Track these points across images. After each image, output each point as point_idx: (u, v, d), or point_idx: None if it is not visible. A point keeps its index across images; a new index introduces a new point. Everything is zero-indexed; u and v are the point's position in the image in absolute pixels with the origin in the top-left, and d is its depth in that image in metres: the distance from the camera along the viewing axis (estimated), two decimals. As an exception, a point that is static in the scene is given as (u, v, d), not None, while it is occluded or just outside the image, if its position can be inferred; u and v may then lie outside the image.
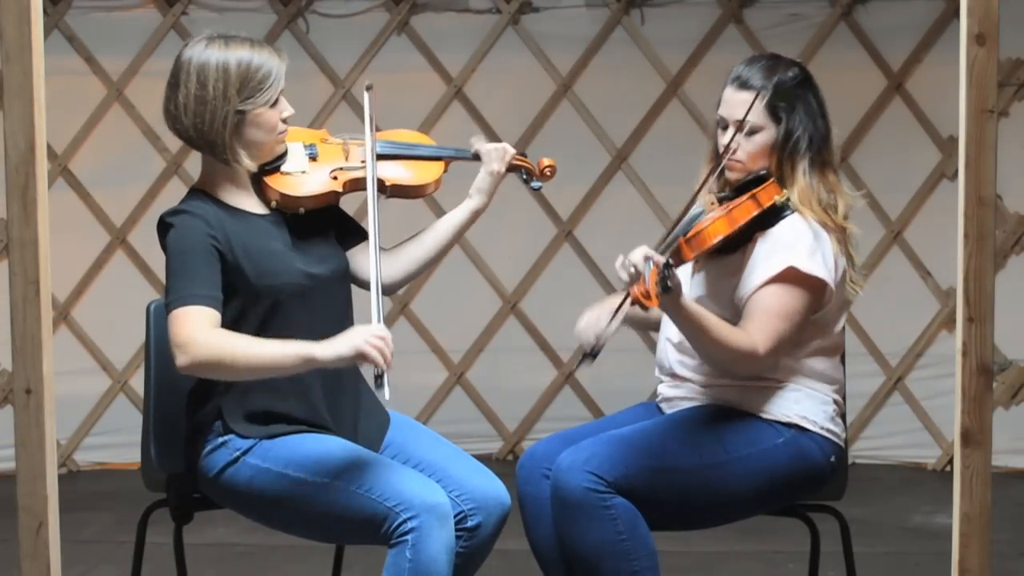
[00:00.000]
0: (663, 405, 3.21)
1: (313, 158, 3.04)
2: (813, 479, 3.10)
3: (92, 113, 5.67)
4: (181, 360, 2.80)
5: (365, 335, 2.76)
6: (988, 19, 2.77)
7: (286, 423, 2.95)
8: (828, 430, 3.10)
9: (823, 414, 3.10)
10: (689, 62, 5.64)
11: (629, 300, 2.83)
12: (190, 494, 3.05)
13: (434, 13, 5.71)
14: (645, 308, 2.79)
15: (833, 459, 3.10)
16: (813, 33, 5.60)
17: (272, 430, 2.94)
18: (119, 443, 5.57)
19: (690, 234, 2.96)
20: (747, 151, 3.09)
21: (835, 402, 3.14)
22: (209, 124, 2.88)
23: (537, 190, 3.29)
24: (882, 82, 5.61)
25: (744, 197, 3.03)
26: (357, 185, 3.03)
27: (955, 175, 3.29)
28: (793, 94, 3.07)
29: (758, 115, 3.06)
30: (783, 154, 3.08)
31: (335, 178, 3.02)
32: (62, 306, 5.64)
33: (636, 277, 2.81)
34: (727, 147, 3.07)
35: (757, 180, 3.08)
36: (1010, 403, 5.48)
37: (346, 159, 3.06)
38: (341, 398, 3.03)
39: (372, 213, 2.95)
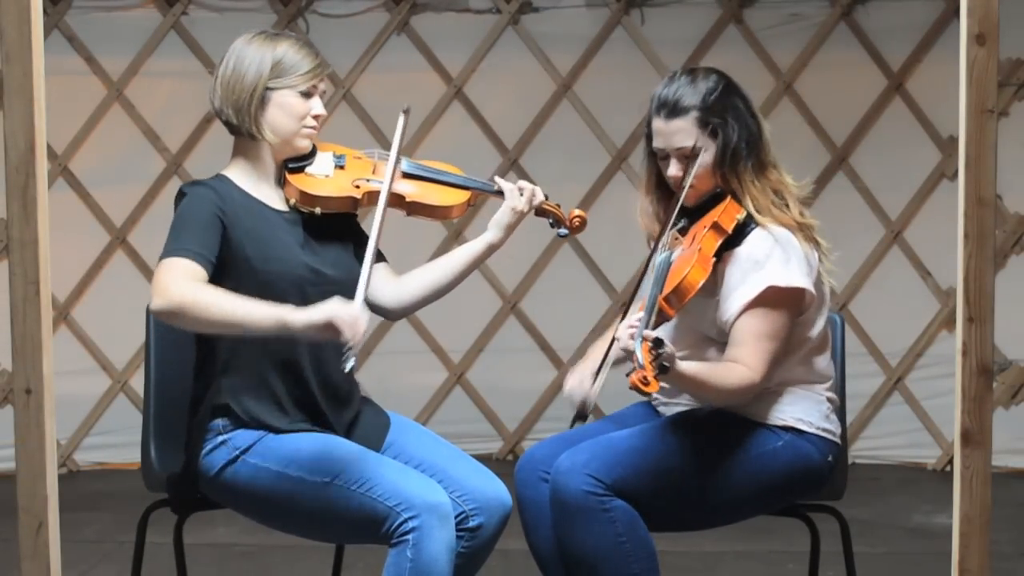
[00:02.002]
0: (660, 408, 3.21)
1: (340, 167, 3.09)
2: (812, 480, 3.09)
3: (92, 113, 5.67)
4: (154, 304, 2.80)
5: (338, 309, 2.76)
6: (988, 19, 2.77)
7: (288, 421, 2.95)
8: (824, 429, 3.09)
9: (818, 414, 3.09)
10: (689, 62, 5.63)
11: (610, 359, 2.83)
12: (190, 494, 3.05)
13: (434, 13, 5.71)
14: (646, 394, 2.71)
15: (831, 458, 3.10)
16: (813, 33, 5.60)
17: (274, 426, 2.94)
18: (119, 443, 5.57)
19: (667, 290, 2.88)
20: (694, 175, 3.04)
21: (829, 400, 3.13)
22: (239, 94, 2.96)
23: (564, 237, 3.28)
24: (882, 82, 5.61)
25: (705, 227, 2.98)
26: (376, 199, 3.05)
27: (955, 175, 3.30)
28: (721, 105, 3.03)
29: (694, 136, 3.03)
30: (725, 168, 3.03)
31: (357, 187, 3.06)
32: (62, 306, 5.64)
33: (628, 356, 2.76)
34: (676, 182, 3.04)
35: (713, 199, 3.05)
36: (1010, 403, 5.49)
37: (372, 173, 3.10)
38: (342, 399, 3.03)
39: (383, 202, 3.00)
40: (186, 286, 2.80)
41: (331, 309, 2.76)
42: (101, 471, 5.68)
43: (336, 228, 3.07)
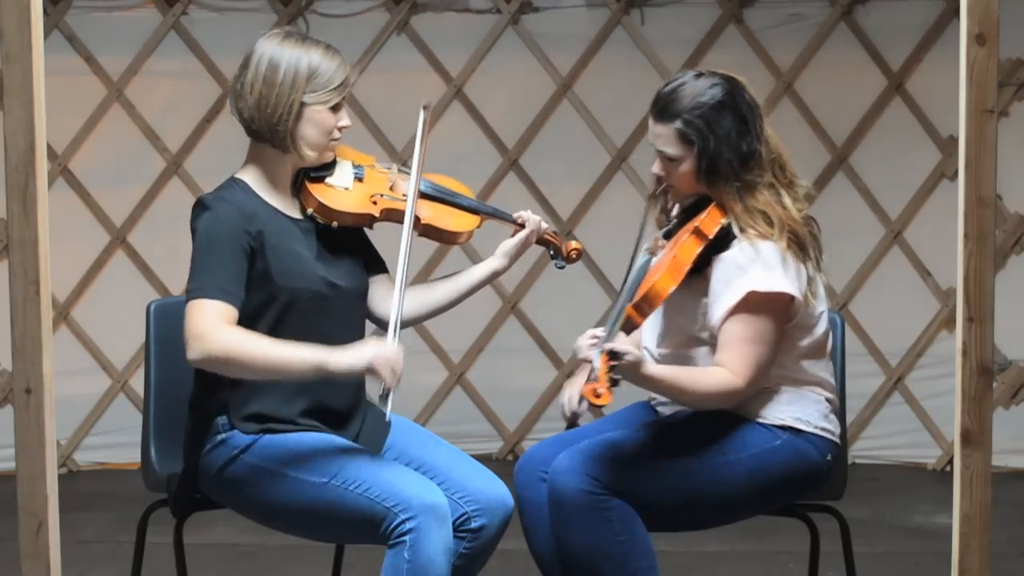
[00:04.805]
0: (660, 408, 3.21)
1: (359, 179, 3.07)
2: (811, 479, 3.10)
3: (92, 113, 5.67)
4: (193, 353, 2.80)
5: (378, 352, 2.80)
6: (988, 19, 2.77)
7: (289, 423, 2.95)
8: (823, 428, 3.09)
9: (816, 413, 3.09)
10: (689, 62, 5.63)
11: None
12: (190, 494, 3.05)
13: (434, 13, 5.71)
14: (600, 406, 2.74)
15: (829, 457, 3.10)
16: (813, 33, 5.60)
17: (274, 429, 2.94)
18: (119, 443, 5.57)
19: (638, 297, 2.87)
20: (674, 179, 3.05)
21: (828, 400, 3.13)
22: (273, 107, 2.91)
23: (561, 268, 3.30)
24: (882, 82, 5.61)
25: (686, 233, 2.97)
26: (392, 216, 3.05)
27: (955, 175, 3.29)
28: (706, 120, 2.98)
29: (673, 145, 3.02)
30: (706, 179, 3.01)
31: (374, 203, 3.05)
32: (62, 306, 5.64)
33: (591, 363, 2.77)
34: (658, 179, 3.07)
35: (700, 202, 3.04)
36: (1010, 403, 5.49)
37: (390, 188, 3.09)
38: (344, 400, 3.03)
39: (406, 237, 2.98)
40: (222, 335, 2.80)
41: (370, 354, 2.80)
42: (101, 471, 5.67)
43: (346, 237, 3.06)
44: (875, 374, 5.67)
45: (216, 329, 2.80)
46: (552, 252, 3.26)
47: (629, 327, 2.90)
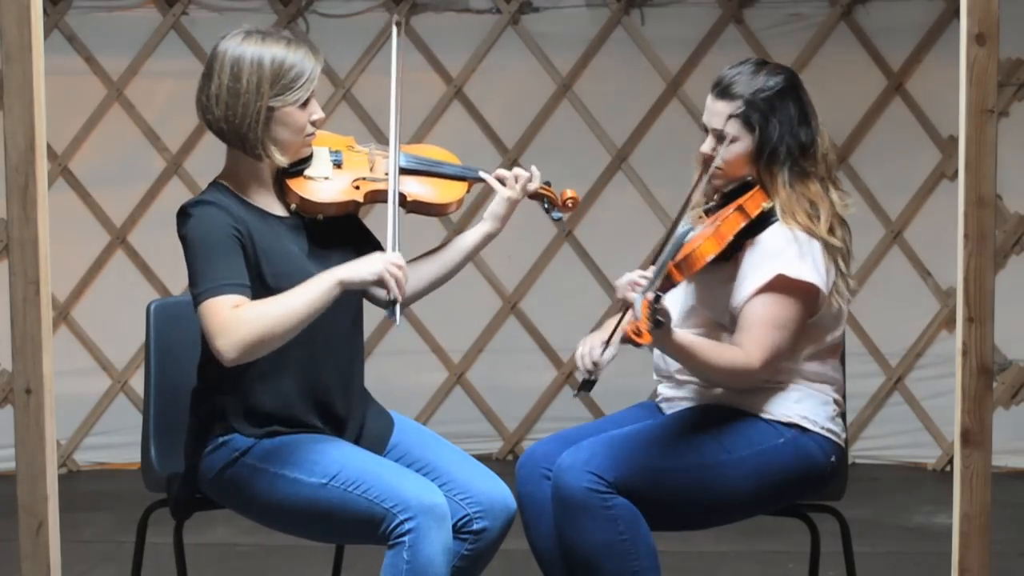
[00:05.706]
0: (663, 405, 3.21)
1: (338, 165, 3.02)
2: (814, 479, 3.10)
3: (92, 113, 5.67)
4: (227, 353, 2.76)
5: (385, 262, 2.81)
6: (988, 19, 2.77)
7: (290, 425, 2.95)
8: (829, 430, 3.10)
9: (824, 414, 3.10)
10: (689, 62, 5.64)
11: (621, 328, 2.81)
12: (190, 494, 3.05)
13: (434, 13, 5.71)
14: (638, 345, 2.76)
15: (833, 459, 3.11)
16: (813, 33, 5.60)
17: (275, 431, 2.94)
18: (119, 443, 5.58)
19: (679, 257, 2.91)
20: (725, 159, 3.07)
21: (835, 402, 3.14)
22: (241, 117, 2.87)
23: (558, 220, 3.24)
24: (882, 82, 5.61)
25: (730, 209, 3.02)
26: (378, 197, 3.01)
27: (955, 175, 3.30)
28: (769, 104, 3.04)
29: (732, 125, 3.05)
30: (760, 164, 3.06)
31: (357, 187, 3.00)
32: (62, 306, 5.64)
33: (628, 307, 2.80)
34: (706, 158, 3.08)
35: (743, 187, 3.07)
36: (1010, 403, 5.49)
37: (370, 170, 3.04)
38: (346, 401, 3.02)
39: (394, 137, 2.97)
40: (242, 319, 2.76)
41: (378, 266, 2.81)
42: (101, 471, 5.68)
43: (336, 226, 3.04)
44: (875, 374, 5.67)
45: (233, 320, 2.77)
46: (547, 205, 3.19)
47: (667, 285, 2.90)
